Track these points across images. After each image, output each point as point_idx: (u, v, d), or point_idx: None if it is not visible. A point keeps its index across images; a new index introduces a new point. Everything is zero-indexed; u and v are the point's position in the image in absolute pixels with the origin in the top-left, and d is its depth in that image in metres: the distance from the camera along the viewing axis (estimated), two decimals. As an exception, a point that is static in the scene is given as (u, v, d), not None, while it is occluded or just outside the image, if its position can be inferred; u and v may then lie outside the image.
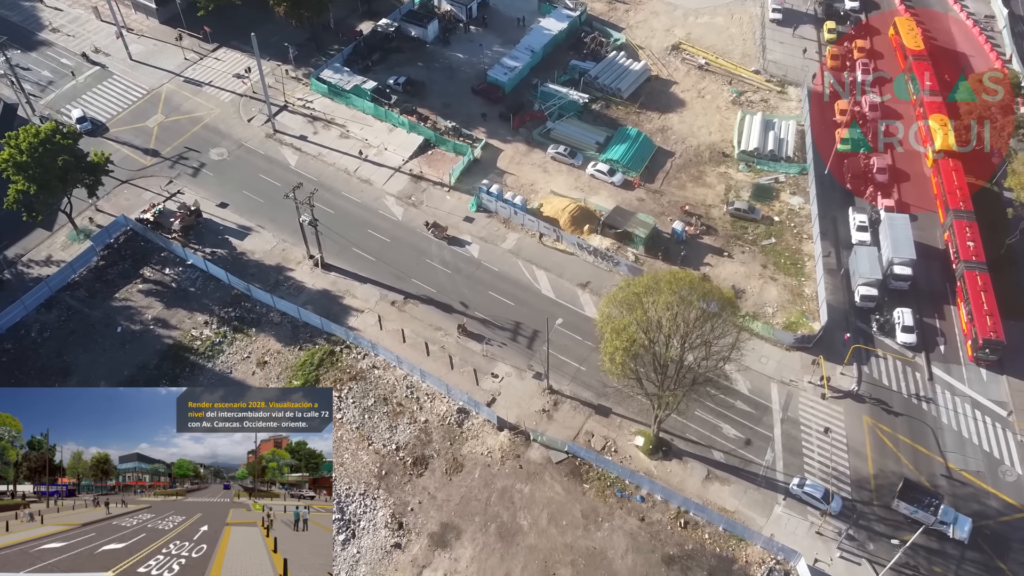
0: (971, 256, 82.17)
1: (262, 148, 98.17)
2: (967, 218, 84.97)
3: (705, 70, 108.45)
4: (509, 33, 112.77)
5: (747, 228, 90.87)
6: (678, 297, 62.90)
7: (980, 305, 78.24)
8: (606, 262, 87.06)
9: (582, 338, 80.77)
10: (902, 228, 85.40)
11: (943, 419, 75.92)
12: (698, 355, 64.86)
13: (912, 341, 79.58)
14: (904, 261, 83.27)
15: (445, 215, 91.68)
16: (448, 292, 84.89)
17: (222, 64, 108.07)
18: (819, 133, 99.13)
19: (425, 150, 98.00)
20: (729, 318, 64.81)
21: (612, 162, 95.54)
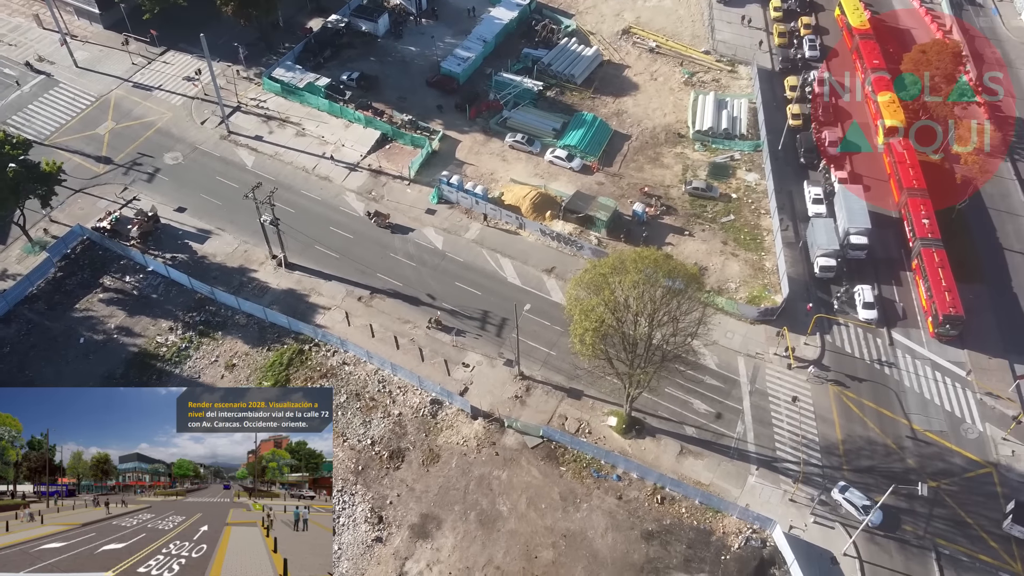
0: (927, 233, 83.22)
1: (217, 150, 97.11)
2: (921, 196, 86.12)
3: (656, 53, 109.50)
4: (460, 24, 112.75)
5: (706, 206, 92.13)
6: (644, 276, 63.70)
7: (939, 282, 79.48)
8: (570, 247, 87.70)
9: (550, 323, 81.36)
10: (856, 199, 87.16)
11: (905, 382, 77.87)
12: (666, 332, 65.78)
13: (873, 317, 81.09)
14: (860, 231, 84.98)
15: (407, 208, 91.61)
16: (414, 285, 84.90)
17: (171, 67, 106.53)
18: (771, 110, 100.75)
19: (383, 144, 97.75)
20: (694, 294, 65.82)
21: (570, 148, 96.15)
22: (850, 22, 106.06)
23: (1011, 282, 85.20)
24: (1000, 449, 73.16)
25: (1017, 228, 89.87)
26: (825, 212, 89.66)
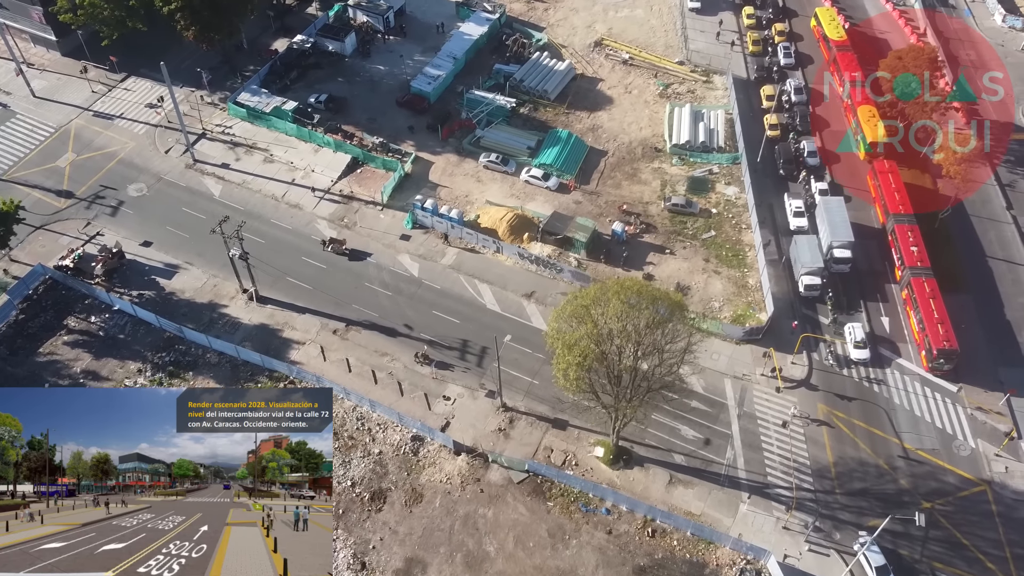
0: (916, 262, 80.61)
1: (183, 180, 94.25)
2: (908, 222, 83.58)
3: (630, 65, 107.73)
4: (429, 40, 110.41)
5: (686, 223, 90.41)
6: (627, 305, 61.78)
7: (931, 314, 76.78)
8: (549, 270, 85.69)
9: (532, 351, 79.28)
10: (838, 211, 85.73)
11: (895, 399, 76.49)
12: (652, 362, 63.92)
13: (866, 357, 77.68)
14: (843, 244, 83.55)
15: (380, 235, 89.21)
16: (391, 315, 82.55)
17: (133, 94, 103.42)
18: (747, 120, 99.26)
19: (354, 168, 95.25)
20: (679, 322, 63.96)
21: (545, 166, 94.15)
22: (827, 34, 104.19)
23: (996, 291, 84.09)
24: (993, 466, 71.92)
25: (1000, 235, 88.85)
26: (807, 225, 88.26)
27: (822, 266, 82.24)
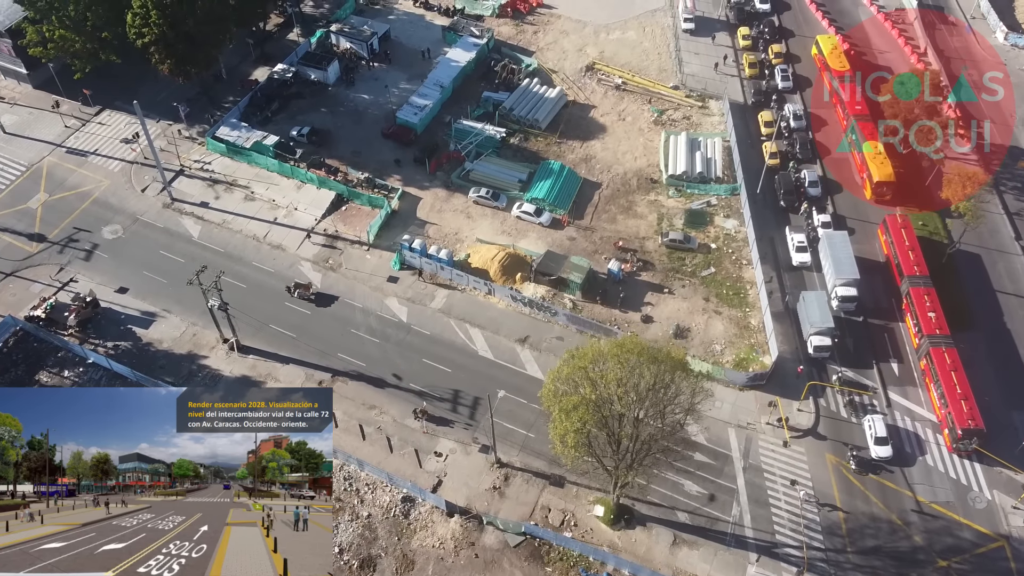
0: (935, 330, 75.46)
1: (160, 220, 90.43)
2: (924, 284, 78.65)
3: (623, 90, 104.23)
4: (415, 67, 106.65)
5: (684, 259, 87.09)
6: (627, 368, 58.41)
7: (953, 389, 71.52)
8: (543, 313, 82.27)
9: (527, 401, 75.82)
10: (842, 246, 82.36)
11: (906, 447, 73.37)
12: (653, 426, 60.59)
13: (888, 455, 71.28)
14: (848, 282, 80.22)
15: (367, 277, 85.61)
16: (379, 364, 78.98)
17: (107, 129, 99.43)
18: (745, 148, 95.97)
19: (339, 206, 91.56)
20: (681, 383, 60.61)
21: (537, 201, 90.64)
22: (829, 63, 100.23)
23: (1006, 328, 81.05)
24: (1011, 519, 68.85)
25: (1009, 267, 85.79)
26: (809, 260, 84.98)
27: (832, 326, 77.11)
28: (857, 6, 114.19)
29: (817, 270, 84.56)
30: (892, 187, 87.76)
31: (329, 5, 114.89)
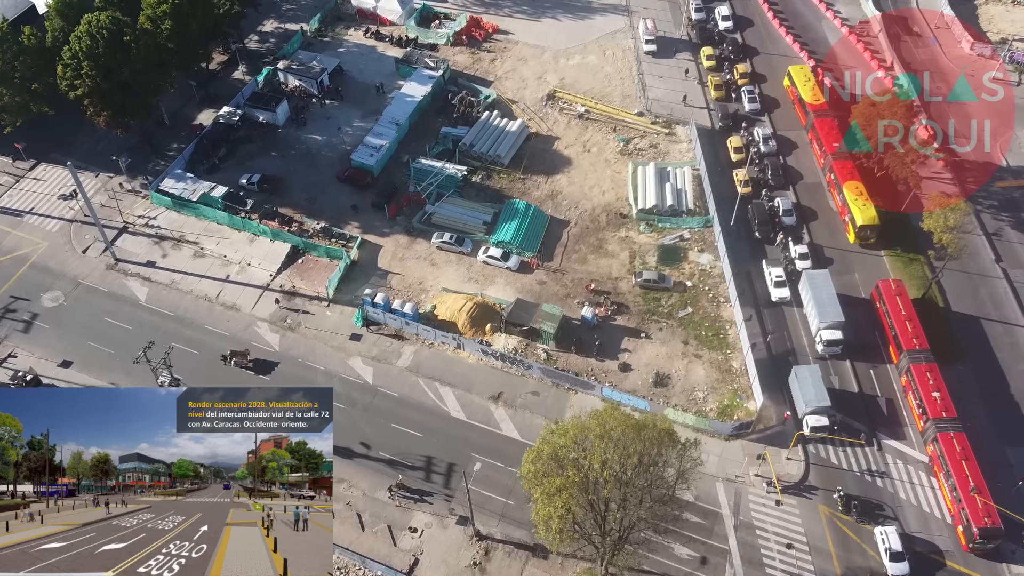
0: (940, 412, 69.54)
1: (104, 284, 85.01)
2: (925, 359, 72.79)
3: (586, 119, 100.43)
4: (369, 103, 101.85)
5: (660, 299, 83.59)
6: (612, 444, 54.64)
7: (965, 481, 65.99)
8: (516, 366, 78.29)
9: (504, 463, 71.99)
10: (824, 287, 78.99)
11: (900, 493, 70.50)
12: (643, 506, 56.90)
13: (906, 572, 64.71)
14: (833, 325, 77.14)
15: (327, 335, 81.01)
16: (345, 433, 74.17)
17: (43, 184, 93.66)
18: (715, 176, 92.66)
19: (294, 259, 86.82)
20: (670, 455, 57.01)
21: (504, 244, 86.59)
22: (802, 96, 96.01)
23: (995, 358, 78.46)
24: (1014, 570, 66.19)
25: (992, 293, 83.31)
26: (788, 296, 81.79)
27: (828, 404, 71.83)
28: (820, 20, 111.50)
29: (797, 305, 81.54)
30: (876, 230, 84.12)
31: (275, 40, 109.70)
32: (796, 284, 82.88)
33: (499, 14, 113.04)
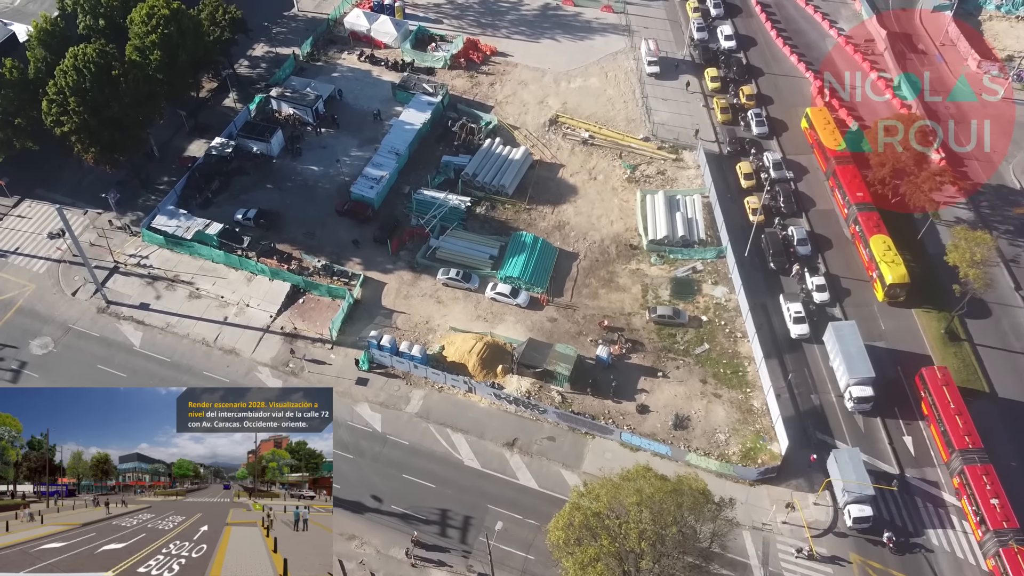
0: (1001, 523, 64.47)
1: (96, 328, 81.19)
2: (980, 460, 67.70)
3: (591, 144, 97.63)
4: (366, 131, 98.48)
5: (675, 336, 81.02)
6: (649, 513, 51.92)
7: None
8: (530, 410, 75.42)
9: (522, 515, 69.17)
10: (852, 339, 75.09)
11: (932, 539, 68.34)
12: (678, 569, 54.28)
13: None
14: (863, 381, 73.62)
15: (333, 380, 77.64)
16: (355, 486, 71.22)
17: (28, 222, 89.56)
18: (726, 203, 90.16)
19: (295, 299, 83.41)
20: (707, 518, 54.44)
21: (512, 280, 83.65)
22: (822, 141, 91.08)
23: (1021, 392, 76.59)
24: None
25: (1013, 323, 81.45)
26: (808, 332, 79.21)
27: (872, 493, 67.86)
28: (824, 38, 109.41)
29: (817, 342, 79.05)
30: (906, 288, 79.79)
31: (266, 64, 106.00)
32: (815, 319, 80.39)
33: (496, 35, 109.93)
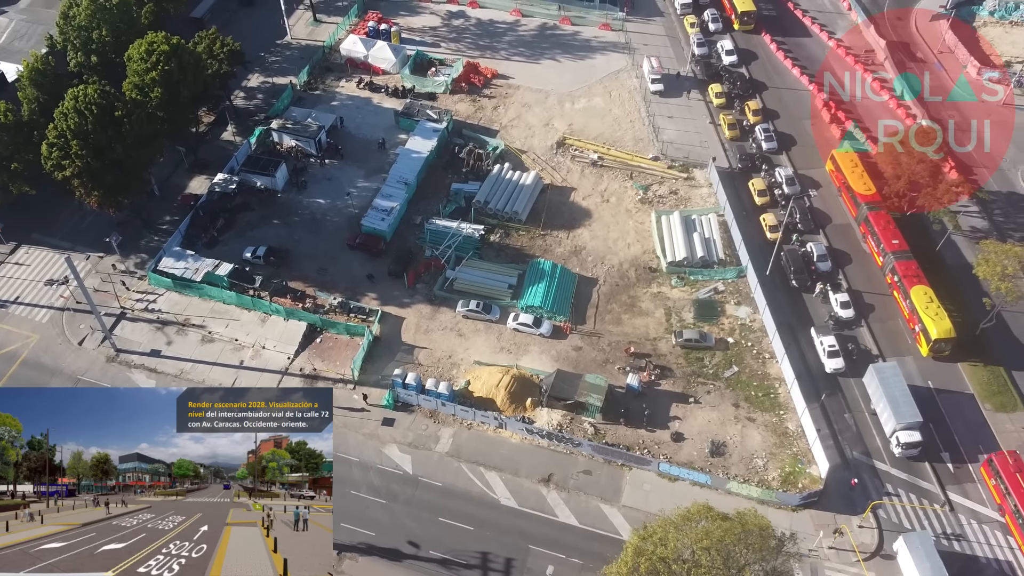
0: None
1: (107, 378, 78.27)
2: None
3: (600, 166, 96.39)
4: (371, 160, 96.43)
5: (703, 359, 79.85)
6: (720, 557, 50.48)
7: None
8: (564, 444, 73.75)
9: (565, 555, 67.42)
10: (896, 382, 73.02)
11: (979, 554, 67.61)
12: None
13: None
14: (911, 425, 71.34)
15: (358, 423, 75.50)
16: (389, 531, 69.10)
17: (28, 269, 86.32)
18: (742, 221, 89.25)
19: (312, 338, 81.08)
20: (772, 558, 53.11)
21: (534, 309, 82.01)
22: (851, 185, 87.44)
23: (1051, 402, 76.30)
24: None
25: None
26: (844, 366, 76.73)
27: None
28: (824, 49, 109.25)
29: (853, 375, 77.15)
30: (952, 343, 76.28)
31: (263, 95, 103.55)
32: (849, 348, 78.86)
33: (496, 58, 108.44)
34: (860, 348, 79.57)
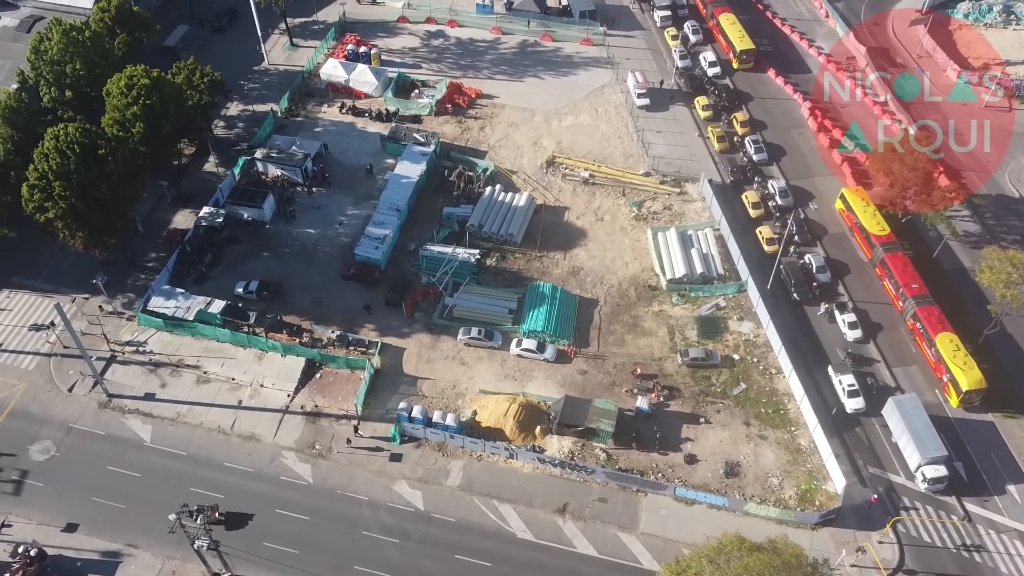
0: None
1: (100, 426, 75.57)
2: None
3: (592, 184, 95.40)
4: (359, 187, 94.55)
5: (710, 377, 79.10)
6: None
7: None
8: (576, 471, 72.48)
9: (588, 588, 66.17)
10: (917, 416, 71.82)
11: (1001, 567, 67.45)
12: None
13: None
14: (936, 460, 70.22)
15: (365, 459, 73.60)
16: (404, 571, 67.32)
17: (10, 315, 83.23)
18: (738, 235, 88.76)
19: (311, 374, 78.99)
20: None
21: (537, 334, 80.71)
22: (864, 226, 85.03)
23: (1056, 406, 76.47)
24: None
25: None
26: (864, 406, 74.83)
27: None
28: (806, 58, 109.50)
29: (874, 414, 75.54)
30: (982, 394, 73.60)
31: (243, 123, 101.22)
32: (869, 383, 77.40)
33: (479, 77, 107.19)
34: (879, 384, 77.73)
